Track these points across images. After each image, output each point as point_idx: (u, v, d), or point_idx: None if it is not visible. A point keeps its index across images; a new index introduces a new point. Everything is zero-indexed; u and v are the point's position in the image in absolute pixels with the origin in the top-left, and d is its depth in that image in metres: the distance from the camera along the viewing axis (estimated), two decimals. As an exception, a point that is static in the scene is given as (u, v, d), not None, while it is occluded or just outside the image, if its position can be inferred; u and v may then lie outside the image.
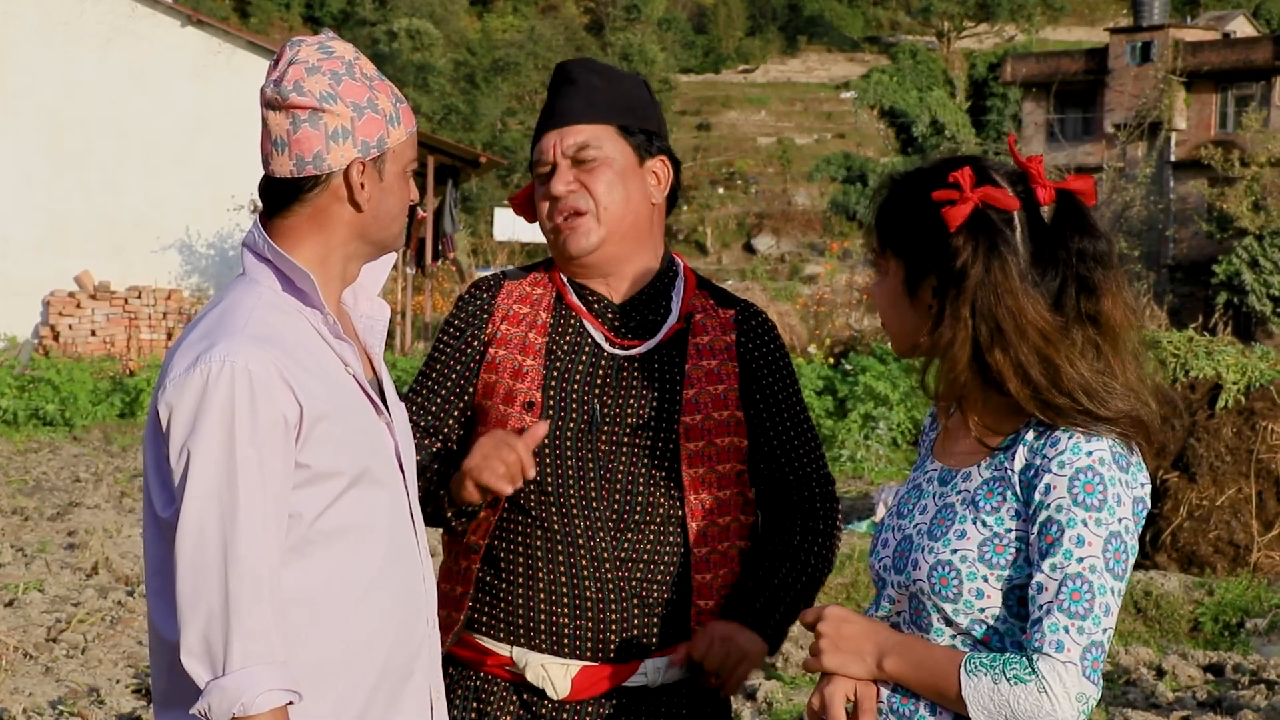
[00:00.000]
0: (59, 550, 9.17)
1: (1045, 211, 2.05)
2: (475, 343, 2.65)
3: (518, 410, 2.56)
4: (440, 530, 2.66)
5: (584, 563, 2.52)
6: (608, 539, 2.52)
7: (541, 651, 2.54)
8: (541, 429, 2.40)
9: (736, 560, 2.62)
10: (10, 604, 7.65)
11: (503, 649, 2.58)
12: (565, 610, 2.53)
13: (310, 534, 2.06)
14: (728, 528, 2.60)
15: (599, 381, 2.57)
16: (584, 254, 2.58)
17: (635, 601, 2.54)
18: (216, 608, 1.96)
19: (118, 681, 6.36)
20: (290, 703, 1.98)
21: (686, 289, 2.66)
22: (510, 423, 2.55)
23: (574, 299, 2.63)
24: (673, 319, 2.61)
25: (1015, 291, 1.98)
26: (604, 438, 2.55)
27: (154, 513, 2.06)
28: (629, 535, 2.54)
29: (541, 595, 2.53)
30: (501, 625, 2.57)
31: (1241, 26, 51.92)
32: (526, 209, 2.68)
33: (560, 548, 2.53)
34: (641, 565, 2.54)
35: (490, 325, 2.65)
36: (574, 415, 2.55)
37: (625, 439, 2.55)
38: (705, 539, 2.57)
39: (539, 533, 2.54)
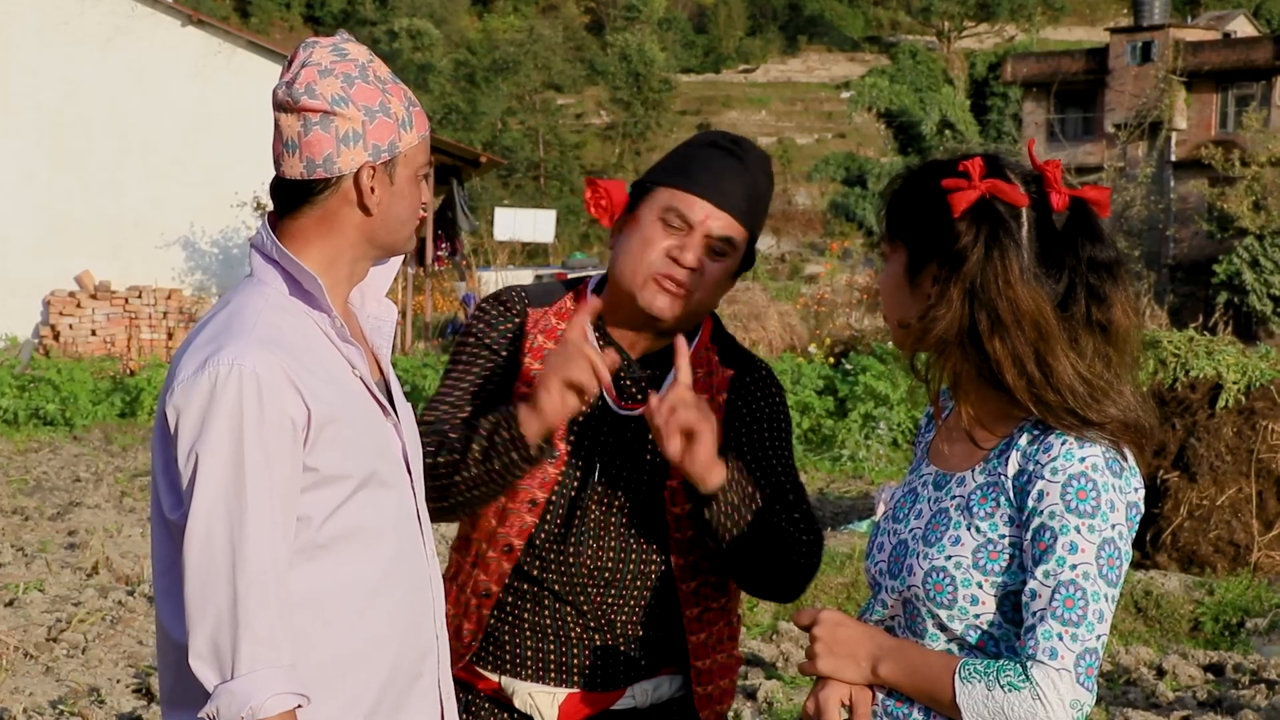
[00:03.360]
0: (59, 550, 9.18)
1: (1057, 217, 2.05)
2: (510, 371, 2.60)
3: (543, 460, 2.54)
4: (451, 549, 2.68)
5: (568, 612, 2.54)
6: (597, 595, 2.53)
7: (528, 680, 2.57)
8: (612, 356, 2.36)
9: (733, 610, 2.63)
10: (10, 604, 7.65)
11: (491, 676, 2.60)
12: (551, 649, 2.55)
13: (318, 537, 2.06)
14: (721, 585, 2.59)
15: (600, 440, 2.57)
16: (662, 319, 2.53)
17: (622, 639, 2.56)
18: (225, 611, 1.96)
19: (118, 681, 6.36)
20: (298, 706, 1.99)
21: (698, 344, 2.62)
22: (534, 471, 2.51)
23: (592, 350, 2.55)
24: (669, 381, 2.53)
25: (1014, 282, 1.98)
26: (597, 497, 2.54)
27: (162, 515, 2.06)
28: (615, 591, 2.55)
29: (529, 633, 2.56)
30: (489, 656, 2.60)
31: (1242, 26, 51.92)
32: (609, 214, 2.60)
33: (546, 601, 2.55)
34: (626, 616, 2.55)
35: (522, 358, 2.60)
36: (572, 472, 2.56)
37: (616, 501, 2.54)
38: (697, 599, 2.57)
39: (527, 584, 2.55)
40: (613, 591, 2.54)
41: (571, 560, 2.53)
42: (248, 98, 20.81)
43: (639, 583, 2.55)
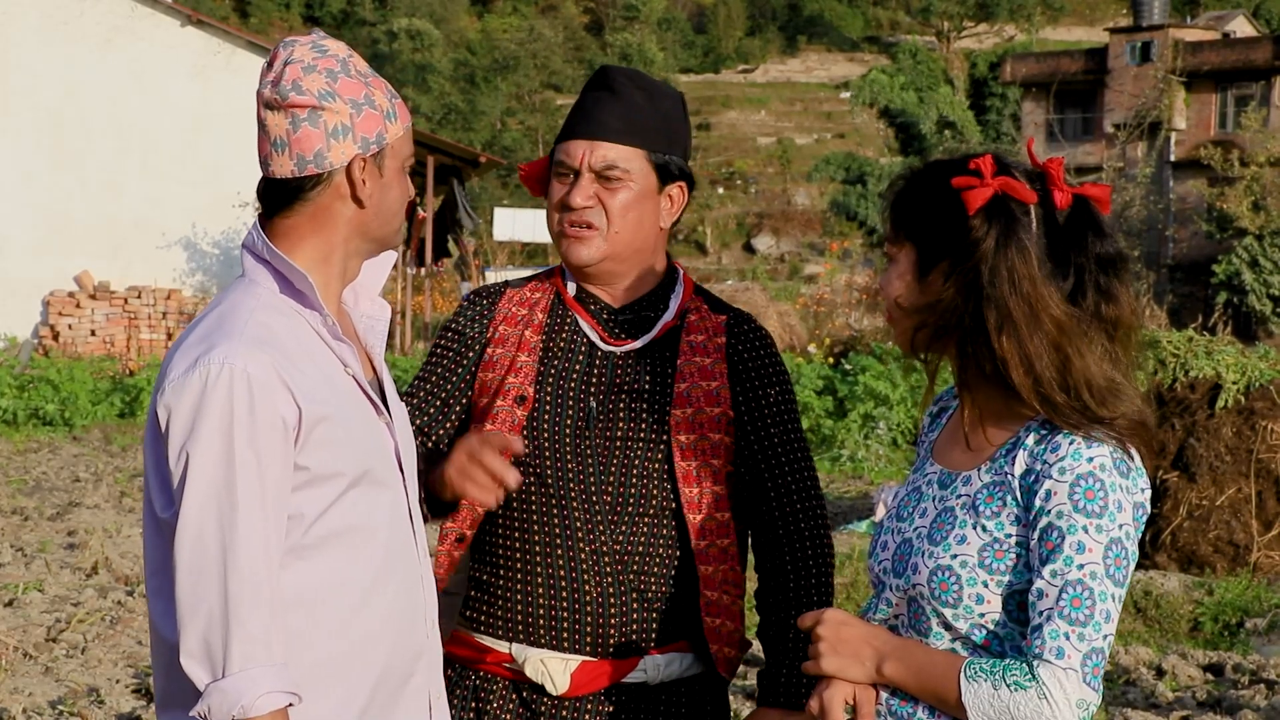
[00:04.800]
0: (59, 550, 9.17)
1: (1059, 215, 2.05)
2: (475, 344, 2.67)
3: (509, 404, 2.58)
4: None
5: (583, 557, 2.53)
6: (606, 532, 2.53)
7: (540, 647, 2.55)
8: (517, 445, 2.37)
9: (736, 557, 2.63)
10: (10, 604, 7.65)
11: (501, 645, 2.59)
12: (565, 606, 2.54)
13: (310, 536, 2.06)
14: (726, 524, 2.60)
15: (593, 378, 2.60)
16: (585, 265, 2.61)
17: (635, 596, 2.55)
18: (216, 610, 1.96)
19: (118, 681, 6.36)
20: (290, 704, 1.98)
21: (684, 293, 2.68)
22: (500, 415, 2.57)
23: (571, 298, 2.66)
24: (667, 316, 2.63)
25: (1034, 278, 1.98)
26: (598, 433, 2.56)
27: (154, 514, 2.06)
28: (625, 528, 2.55)
29: (540, 591, 2.54)
30: (500, 622, 2.58)
31: (1241, 26, 51.92)
32: (535, 184, 2.70)
33: (559, 543, 2.54)
34: (639, 558, 2.55)
35: (490, 327, 2.67)
36: (569, 412, 2.57)
37: (619, 433, 2.56)
38: (704, 532, 2.58)
39: (537, 529, 2.55)
40: (622, 528, 2.54)
41: (576, 493, 2.53)
42: (247, 98, 20.53)
43: (646, 517, 2.55)
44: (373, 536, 2.13)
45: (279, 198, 2.14)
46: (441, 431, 2.65)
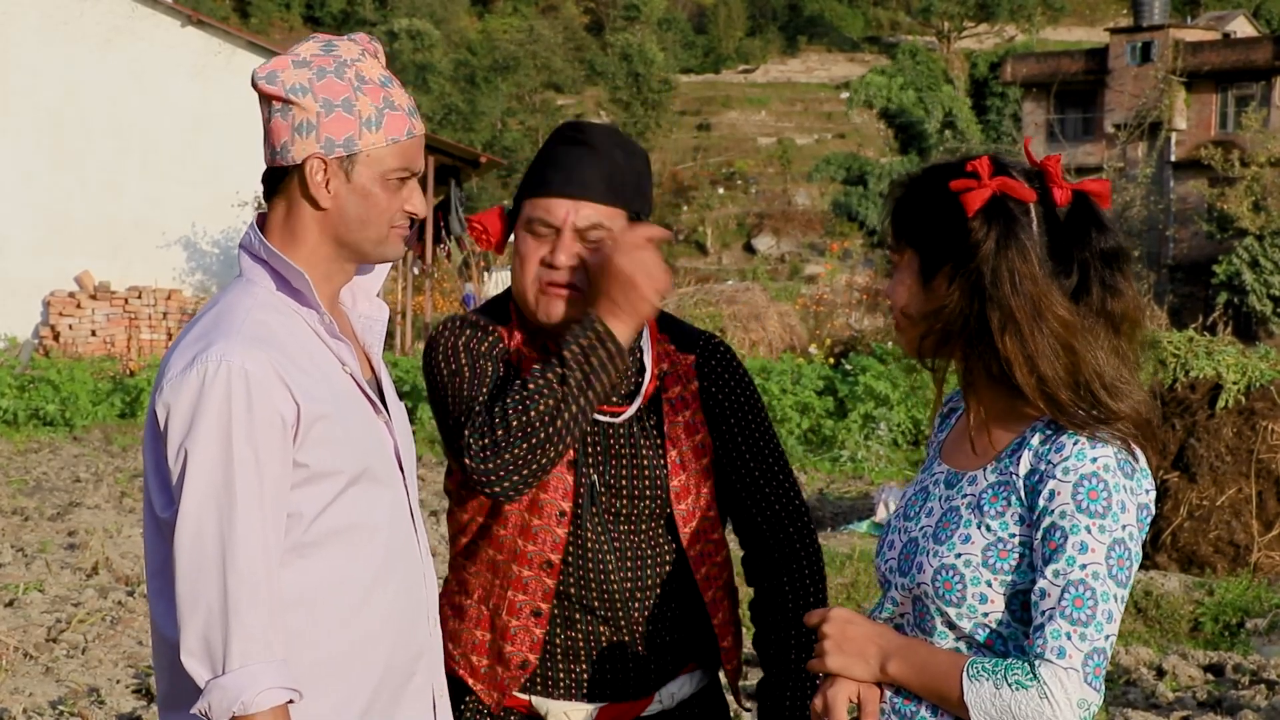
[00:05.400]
0: (59, 550, 9.17)
1: (1060, 212, 2.05)
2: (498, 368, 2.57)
3: (560, 469, 2.52)
4: (451, 571, 2.66)
5: (602, 629, 2.55)
6: (624, 605, 2.54)
7: (560, 699, 2.57)
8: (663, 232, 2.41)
9: (729, 570, 2.67)
10: (10, 604, 7.65)
11: (521, 695, 2.60)
12: (584, 666, 2.55)
13: (310, 534, 2.06)
14: (724, 559, 2.65)
15: (589, 450, 2.55)
16: (557, 322, 2.50)
17: (649, 647, 2.58)
18: (215, 607, 1.96)
19: (118, 681, 6.36)
20: (290, 701, 1.98)
21: (651, 340, 2.60)
22: (554, 482, 2.51)
23: (536, 355, 2.55)
24: (648, 380, 2.56)
25: (1036, 277, 1.98)
26: (604, 508, 2.54)
27: (154, 513, 2.06)
28: (643, 598, 2.56)
29: (560, 654, 2.56)
30: (521, 679, 2.59)
31: (1241, 26, 51.91)
32: (494, 241, 2.59)
33: (579, 618, 2.55)
34: (650, 612, 2.57)
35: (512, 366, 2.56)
36: (581, 486, 2.54)
37: (623, 507, 2.54)
38: (709, 582, 2.61)
39: (554, 601, 2.54)
40: (638, 597, 2.55)
41: (601, 573, 2.53)
42: (247, 98, 20.54)
43: (661, 585, 2.57)
44: (373, 535, 2.13)
45: (267, 186, 2.18)
46: None
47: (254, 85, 2.13)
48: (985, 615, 2.00)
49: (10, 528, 9.93)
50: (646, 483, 2.55)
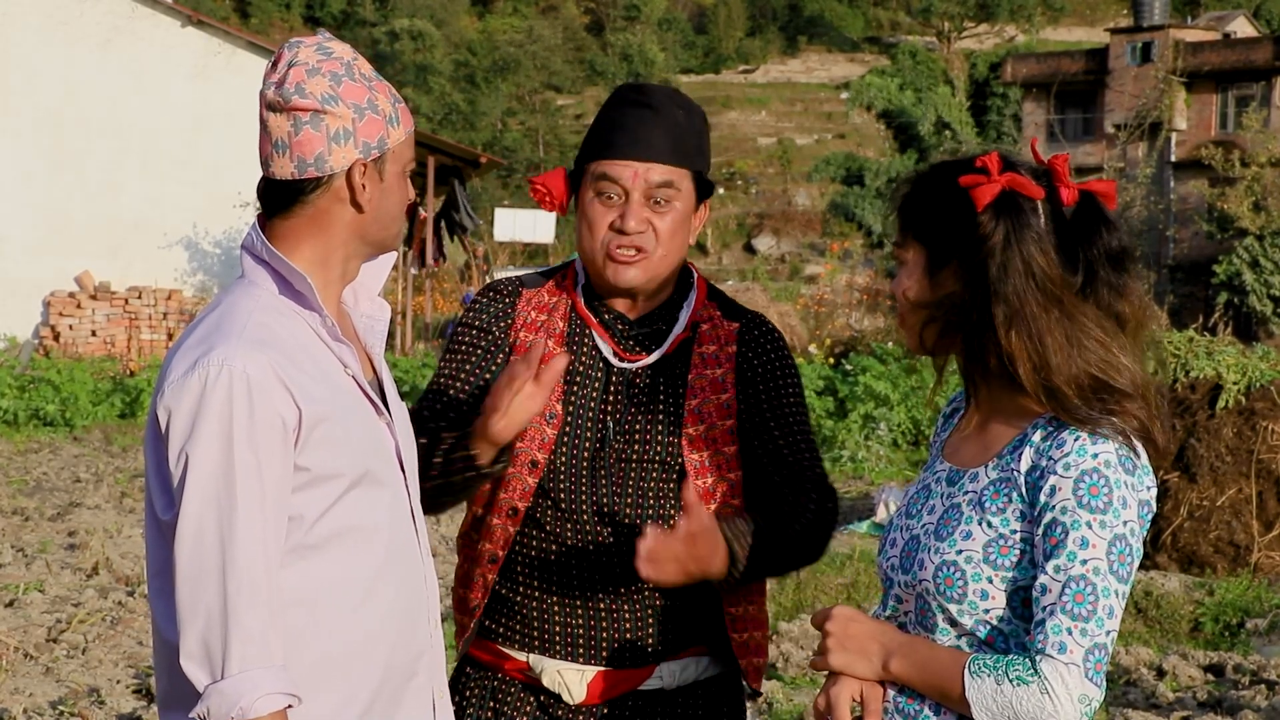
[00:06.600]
0: (59, 550, 9.18)
1: (1066, 211, 2.05)
2: (502, 346, 2.64)
3: (540, 421, 2.56)
4: (457, 536, 2.68)
5: (599, 577, 2.54)
6: (621, 552, 2.52)
7: (557, 658, 2.56)
8: (561, 361, 2.38)
9: None
10: (10, 604, 7.65)
11: (519, 655, 2.60)
12: (580, 620, 2.54)
13: (311, 536, 2.06)
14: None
15: (610, 397, 2.58)
16: (632, 288, 2.57)
17: (651, 610, 2.56)
18: (215, 611, 1.96)
19: (118, 682, 6.36)
20: (289, 706, 1.98)
21: (696, 300, 2.65)
22: (529, 432, 2.54)
23: (586, 311, 2.63)
24: (678, 329, 2.61)
25: (1048, 272, 1.99)
26: (614, 454, 2.56)
27: (155, 516, 2.06)
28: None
29: (557, 607, 2.55)
30: (517, 634, 2.59)
31: (1241, 26, 51.93)
32: (558, 203, 2.63)
33: (575, 561, 2.54)
34: (658, 587, 2.54)
35: (512, 332, 2.64)
36: (588, 433, 2.57)
37: (634, 455, 2.55)
38: None
39: (554, 547, 2.55)
40: (635, 542, 2.53)
41: (590, 513, 2.53)
42: (248, 98, 20.61)
43: None
44: (374, 536, 2.13)
45: (279, 199, 2.14)
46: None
47: (280, 102, 2.09)
48: (986, 612, 2.00)
49: (10, 528, 9.93)
50: (660, 426, 2.55)
